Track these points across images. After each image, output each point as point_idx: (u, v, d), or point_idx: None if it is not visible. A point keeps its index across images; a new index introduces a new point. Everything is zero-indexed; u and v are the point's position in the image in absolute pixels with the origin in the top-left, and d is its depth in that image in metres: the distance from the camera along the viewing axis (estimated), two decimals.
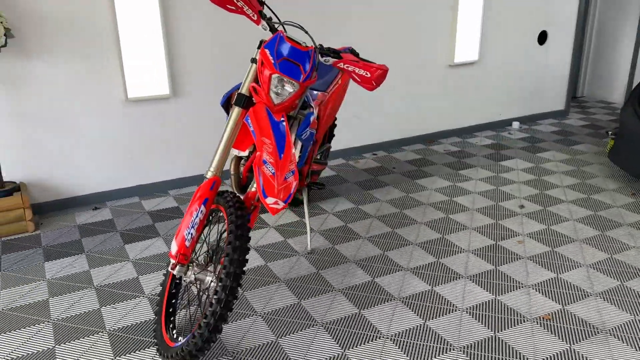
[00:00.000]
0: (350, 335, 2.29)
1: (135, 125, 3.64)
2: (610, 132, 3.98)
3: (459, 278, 2.70)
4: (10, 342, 2.28)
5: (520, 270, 2.76)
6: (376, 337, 2.27)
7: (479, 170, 4.19)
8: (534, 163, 4.32)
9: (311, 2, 3.97)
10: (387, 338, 2.27)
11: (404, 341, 2.24)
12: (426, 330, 2.30)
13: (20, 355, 2.19)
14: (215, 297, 1.88)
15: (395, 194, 3.74)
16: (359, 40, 4.25)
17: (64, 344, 2.26)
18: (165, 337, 2.14)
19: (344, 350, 2.20)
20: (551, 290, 2.58)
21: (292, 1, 3.88)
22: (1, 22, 2.93)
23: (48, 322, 2.41)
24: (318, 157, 3.40)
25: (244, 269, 1.97)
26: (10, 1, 3.11)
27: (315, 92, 2.68)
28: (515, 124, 5.35)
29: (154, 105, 3.66)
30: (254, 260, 2.91)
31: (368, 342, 2.24)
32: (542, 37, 5.24)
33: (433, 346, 2.20)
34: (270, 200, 1.87)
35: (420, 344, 2.22)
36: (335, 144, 4.45)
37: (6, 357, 2.18)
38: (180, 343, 2.02)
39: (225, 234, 2.05)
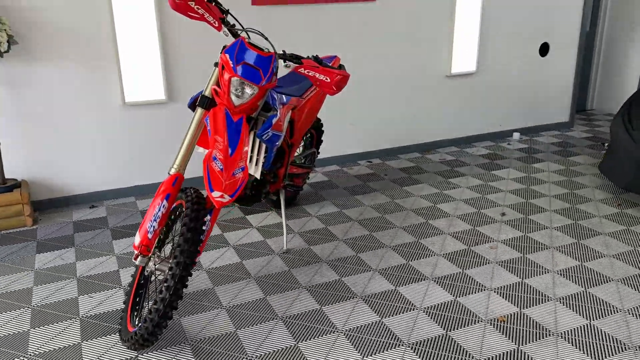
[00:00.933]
0: (306, 329, 2.38)
1: (132, 129, 3.83)
2: (605, 144, 3.98)
3: (424, 279, 2.76)
4: None
5: (486, 274, 2.80)
6: (330, 331, 2.36)
7: (469, 178, 4.22)
8: (526, 173, 4.33)
9: (307, 13, 4.11)
10: (341, 332, 2.35)
11: (355, 336, 2.31)
12: (382, 327, 2.37)
13: None
14: (165, 284, 2.00)
15: (381, 200, 3.82)
16: (356, 50, 4.37)
17: (39, 327, 2.42)
18: (128, 324, 2.27)
19: (297, 343, 2.28)
20: (511, 294, 2.61)
21: (287, 12, 4.03)
22: (4, 30, 3.16)
23: (28, 307, 2.58)
24: (302, 161, 3.51)
25: (195, 260, 2.08)
26: (15, 9, 3.35)
27: (287, 96, 2.80)
28: (516, 135, 5.36)
29: (150, 110, 3.85)
30: (230, 257, 3.03)
31: (322, 336, 2.32)
32: (544, 49, 5.26)
33: (382, 341, 2.27)
34: (216, 194, 1.99)
35: (366, 338, 2.29)
36: (330, 151, 4.55)
37: None
38: (136, 328, 2.15)
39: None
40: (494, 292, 2.64)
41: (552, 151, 4.91)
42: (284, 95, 2.77)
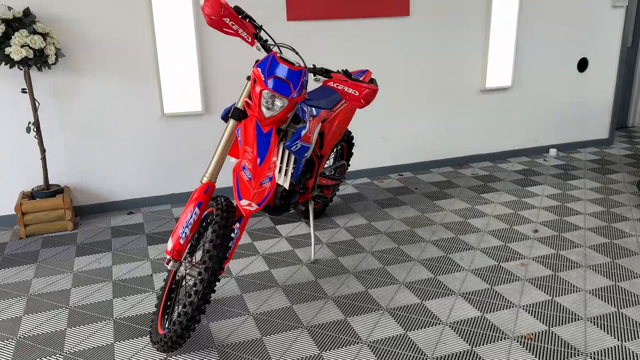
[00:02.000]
0: (330, 339, 2.40)
1: (170, 139, 3.96)
2: None
3: (451, 294, 2.75)
4: (29, 322, 2.57)
5: (515, 291, 2.77)
6: (354, 342, 2.37)
7: (502, 194, 4.18)
8: (562, 190, 4.25)
9: (341, 27, 4.18)
10: (365, 344, 2.36)
11: (379, 348, 2.33)
12: (406, 340, 2.37)
13: (35, 334, 2.47)
14: (194, 288, 2.07)
15: (410, 213, 3.82)
16: (388, 64, 4.41)
17: (74, 327, 2.52)
18: (159, 326, 2.35)
19: (321, 352, 2.31)
20: (540, 312, 2.57)
21: (321, 27, 4.11)
22: (53, 43, 3.34)
23: (65, 307, 2.70)
24: (332, 173, 3.56)
25: (224, 266, 2.15)
26: (63, 24, 3.53)
27: (317, 109, 2.85)
28: (553, 151, 5.26)
29: (187, 121, 3.97)
30: (259, 265, 3.09)
31: (346, 347, 2.34)
32: (583, 64, 5.17)
33: (405, 354, 2.28)
34: (244, 202, 2.05)
35: (390, 351, 2.29)
36: (361, 163, 4.59)
37: (24, 335, 2.47)
38: (165, 331, 2.22)
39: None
40: (523, 309, 2.61)
41: (590, 168, 4.80)
42: (313, 108, 2.82)
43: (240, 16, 2.41)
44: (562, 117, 5.28)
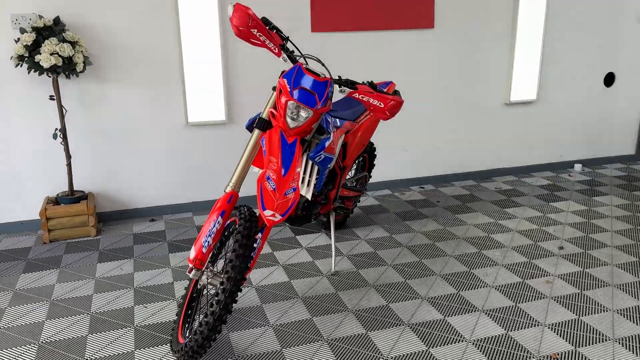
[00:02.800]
0: (351, 353, 2.37)
1: (193, 147, 3.99)
2: None
3: (475, 311, 2.70)
4: (51, 327, 2.59)
5: (541, 309, 2.71)
6: (375, 357, 2.34)
7: (526, 209, 4.11)
8: (587, 206, 4.17)
9: (365, 39, 4.18)
10: None
11: None
12: (429, 357, 2.33)
13: (56, 339, 2.48)
14: (216, 298, 2.06)
15: (432, 227, 3.78)
16: (412, 76, 4.39)
17: (96, 333, 2.53)
18: (179, 335, 2.34)
19: None
20: (566, 331, 2.51)
21: (345, 38, 4.12)
22: (81, 51, 3.39)
23: (87, 314, 2.71)
24: (354, 184, 3.54)
25: (245, 276, 2.14)
26: (92, 33, 3.59)
27: (341, 120, 2.85)
28: (578, 167, 5.17)
29: (210, 130, 4.00)
30: (279, 276, 3.08)
31: None
32: (609, 79, 5.09)
33: None
34: (268, 212, 2.04)
35: None
36: (382, 175, 4.56)
37: (46, 340, 2.49)
38: (186, 340, 2.21)
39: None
40: (548, 327, 2.55)
41: (616, 184, 4.71)
42: (337, 119, 2.82)
43: (267, 27, 2.42)
44: (588, 132, 5.19)
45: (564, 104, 4.99)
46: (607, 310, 2.69)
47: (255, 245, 2.27)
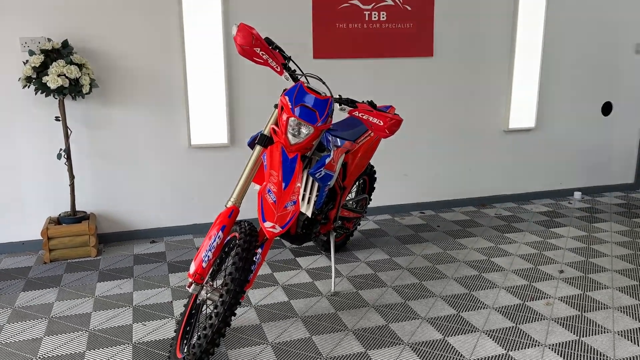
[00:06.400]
0: None
1: (195, 170, 4.03)
2: None
3: (475, 331, 2.69)
4: (50, 343, 2.58)
5: (541, 330, 2.69)
6: None
7: (526, 234, 4.12)
8: (587, 232, 4.18)
9: (365, 66, 4.27)
10: None
11: None
12: None
13: (54, 355, 2.47)
14: (215, 310, 2.06)
15: (433, 250, 3.78)
16: (412, 103, 4.46)
17: (94, 350, 2.52)
18: (177, 350, 2.33)
19: None
20: (567, 352, 2.49)
21: (346, 65, 4.21)
22: (88, 74, 3.47)
23: (85, 331, 2.70)
24: (354, 206, 3.56)
25: (245, 289, 2.14)
26: (99, 56, 3.68)
27: (342, 140, 2.89)
28: (577, 194, 5.20)
29: (213, 152, 4.05)
30: (279, 296, 3.07)
31: None
32: (607, 108, 5.16)
33: None
34: (268, 224, 2.06)
35: None
36: (383, 199, 4.58)
37: (44, 355, 2.47)
38: (184, 355, 2.20)
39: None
40: (549, 348, 2.53)
41: (616, 212, 4.72)
42: (338, 139, 2.86)
43: (270, 47, 2.49)
44: (587, 160, 5.23)
45: (563, 132, 5.05)
46: (607, 332, 2.68)
47: (255, 259, 2.29)
